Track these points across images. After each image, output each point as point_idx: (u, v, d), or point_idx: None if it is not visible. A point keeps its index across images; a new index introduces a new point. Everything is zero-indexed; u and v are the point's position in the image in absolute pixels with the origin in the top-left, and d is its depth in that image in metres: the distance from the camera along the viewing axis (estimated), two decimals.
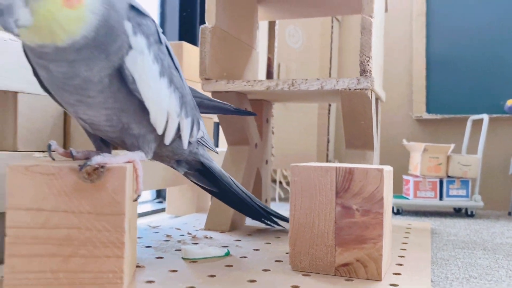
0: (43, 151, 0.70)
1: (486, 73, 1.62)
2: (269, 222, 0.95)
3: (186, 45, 1.16)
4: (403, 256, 0.75)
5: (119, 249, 0.51)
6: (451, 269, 0.75)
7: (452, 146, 1.40)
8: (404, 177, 1.48)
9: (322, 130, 1.58)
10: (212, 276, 0.60)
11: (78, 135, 0.76)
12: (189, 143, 0.68)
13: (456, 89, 1.64)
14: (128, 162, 0.55)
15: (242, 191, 0.83)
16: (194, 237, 0.85)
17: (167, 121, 0.59)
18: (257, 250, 0.76)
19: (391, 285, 0.59)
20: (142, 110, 0.56)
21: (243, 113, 0.82)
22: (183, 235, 0.88)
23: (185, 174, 0.77)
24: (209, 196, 1.25)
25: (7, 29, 0.42)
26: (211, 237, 0.86)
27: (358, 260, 0.61)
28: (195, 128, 0.68)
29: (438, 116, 1.64)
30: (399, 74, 1.73)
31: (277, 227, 0.97)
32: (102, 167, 0.50)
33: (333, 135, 1.70)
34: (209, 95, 0.88)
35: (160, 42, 0.58)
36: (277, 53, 1.43)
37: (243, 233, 0.91)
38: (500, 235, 1.10)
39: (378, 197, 0.60)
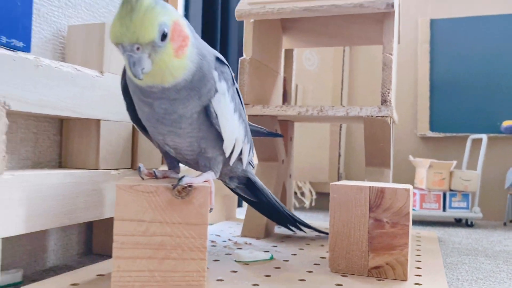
0: (116, 169, 0.82)
1: (484, 96, 1.77)
2: (294, 229, 1.08)
3: None
4: (420, 261, 0.88)
5: (202, 252, 0.63)
6: (460, 272, 0.88)
7: (454, 163, 1.54)
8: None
9: (334, 146, 1.71)
10: (267, 276, 0.72)
11: (142, 154, 0.89)
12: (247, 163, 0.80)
13: (457, 110, 1.79)
14: (205, 181, 0.67)
15: (276, 201, 0.96)
16: (235, 243, 0.98)
17: (234, 147, 0.71)
18: (294, 254, 0.89)
19: (416, 284, 0.71)
20: (217, 137, 0.68)
21: (274, 135, 0.97)
22: (225, 241, 1.00)
23: (233, 188, 0.89)
24: (235, 205, 1.38)
25: (135, 75, 0.54)
26: (250, 243, 0.98)
27: (387, 263, 0.74)
28: (251, 152, 0.80)
29: (441, 135, 1.79)
30: (405, 95, 1.87)
31: (302, 233, 1.10)
32: (190, 186, 0.63)
33: (343, 151, 1.84)
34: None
35: (234, 84, 0.70)
36: (295, 75, 1.57)
37: (276, 239, 1.04)
38: (498, 243, 1.23)
39: (405, 212, 0.73)
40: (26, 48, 0.65)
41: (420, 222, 1.60)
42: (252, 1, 1.05)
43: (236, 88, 0.73)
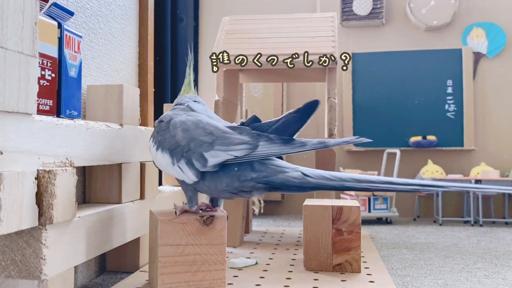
0: (132, 201, 1.00)
1: (396, 117, 2.15)
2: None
3: None
4: (364, 256, 1.17)
5: (222, 264, 0.85)
6: (392, 263, 1.19)
7: (376, 173, 1.89)
8: (342, 195, 1.94)
9: None
10: (262, 277, 0.96)
11: (148, 186, 1.08)
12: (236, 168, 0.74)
13: (375, 128, 2.16)
14: (222, 211, 0.89)
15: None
16: None
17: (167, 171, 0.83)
18: (271, 258, 1.14)
19: (367, 274, 1.00)
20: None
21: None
22: None
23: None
24: None
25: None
26: (231, 252, 1.21)
27: (346, 261, 1.01)
28: (199, 159, 0.76)
29: (363, 149, 2.14)
30: None
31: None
32: (213, 216, 0.85)
33: None
34: None
35: (159, 122, 0.86)
36: (244, 102, 1.81)
37: (249, 247, 1.28)
38: (412, 237, 1.59)
39: (357, 223, 1.01)
40: (78, 115, 0.82)
41: None
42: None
43: (163, 121, 0.85)
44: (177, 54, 1.89)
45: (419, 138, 2.10)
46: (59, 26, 0.74)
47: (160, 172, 1.44)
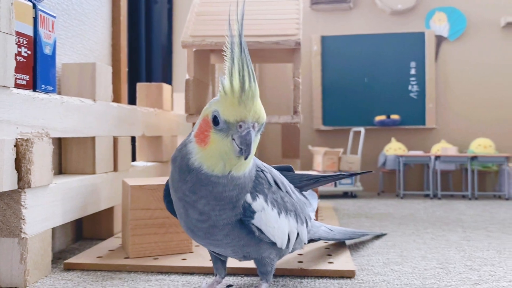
0: (106, 172, 1.08)
1: (362, 97, 2.26)
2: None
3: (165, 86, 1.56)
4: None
5: None
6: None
7: (341, 150, 1.99)
8: (310, 172, 2.05)
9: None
10: None
11: (121, 158, 1.15)
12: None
13: (342, 108, 2.26)
14: None
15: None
16: None
17: (289, 238, 0.67)
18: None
19: None
20: (263, 241, 0.63)
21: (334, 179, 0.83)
22: None
23: None
24: None
25: (247, 152, 0.53)
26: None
27: None
28: (309, 223, 0.75)
29: (331, 128, 2.24)
30: (303, 97, 2.29)
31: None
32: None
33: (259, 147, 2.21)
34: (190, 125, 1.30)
35: (271, 185, 0.64)
36: (217, 82, 1.88)
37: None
38: (374, 208, 1.70)
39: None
40: (54, 90, 0.89)
41: (319, 196, 2.04)
42: (193, 35, 1.34)
43: (275, 181, 0.66)
44: (151, 35, 1.94)
45: (383, 117, 2.22)
46: (34, 6, 0.80)
47: (133, 147, 1.51)
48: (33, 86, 0.81)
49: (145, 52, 1.87)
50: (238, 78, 0.53)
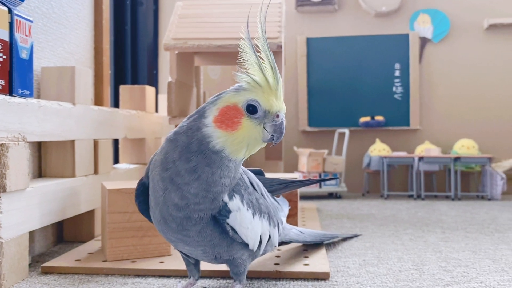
0: (86, 175, 1.08)
1: (347, 99, 2.27)
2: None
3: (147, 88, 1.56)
4: (305, 225, 1.29)
5: None
6: (329, 229, 1.31)
7: (326, 151, 2.01)
8: (295, 172, 2.06)
9: None
10: None
11: (101, 161, 1.15)
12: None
13: (327, 110, 2.27)
14: None
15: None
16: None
17: (261, 240, 0.67)
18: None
19: None
20: (235, 242, 0.64)
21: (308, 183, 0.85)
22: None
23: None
24: None
25: (279, 139, 0.60)
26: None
27: None
28: (281, 227, 0.76)
29: (316, 129, 2.25)
30: (288, 99, 2.30)
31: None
32: None
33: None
34: (172, 127, 1.31)
35: (247, 186, 0.65)
36: (202, 84, 1.89)
37: None
38: (357, 209, 1.72)
39: (294, 193, 1.12)
40: (31, 95, 0.89)
41: (304, 197, 2.06)
42: (175, 37, 1.35)
43: (251, 183, 0.68)
44: (137, 37, 1.94)
45: (368, 118, 2.24)
46: (10, 11, 0.80)
47: (116, 150, 1.51)
48: (9, 90, 0.81)
49: (130, 54, 1.87)
50: (272, 74, 0.59)
